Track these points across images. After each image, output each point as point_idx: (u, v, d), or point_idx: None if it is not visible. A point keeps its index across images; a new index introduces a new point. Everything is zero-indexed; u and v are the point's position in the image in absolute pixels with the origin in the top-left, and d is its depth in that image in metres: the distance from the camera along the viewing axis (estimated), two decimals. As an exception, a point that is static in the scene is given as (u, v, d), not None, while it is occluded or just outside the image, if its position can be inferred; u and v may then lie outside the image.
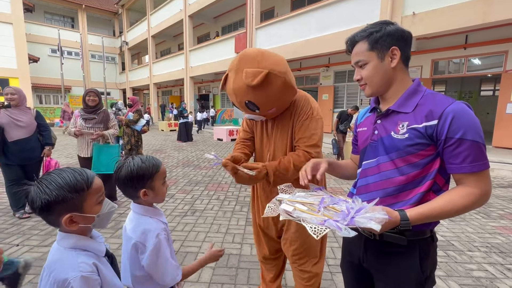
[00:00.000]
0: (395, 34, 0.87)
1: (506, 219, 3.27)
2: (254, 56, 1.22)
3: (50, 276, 0.73)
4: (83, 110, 3.38)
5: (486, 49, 7.36)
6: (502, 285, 2.04)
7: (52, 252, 0.79)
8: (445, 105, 0.81)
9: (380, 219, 0.72)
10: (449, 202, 0.80)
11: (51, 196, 0.71)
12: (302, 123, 1.35)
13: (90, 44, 23.54)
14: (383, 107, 0.96)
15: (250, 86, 1.18)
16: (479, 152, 0.78)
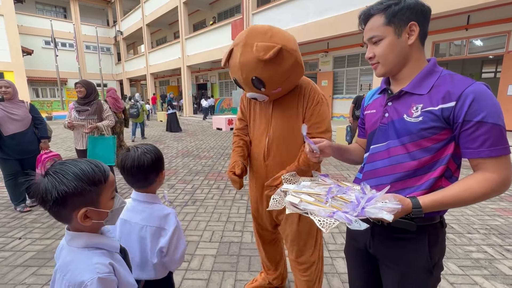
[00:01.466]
0: (415, 8, 0.80)
1: (506, 201, 3.28)
2: (265, 30, 1.18)
3: (63, 278, 0.69)
4: (77, 102, 3.32)
5: (488, 30, 7.19)
6: (500, 265, 2.07)
7: (63, 254, 0.74)
8: (464, 86, 0.76)
9: (392, 209, 0.70)
10: (465, 189, 0.75)
11: (69, 187, 0.66)
12: (314, 108, 1.32)
13: (84, 35, 23.09)
14: (394, 88, 0.91)
15: (261, 60, 1.14)
16: (499, 135, 0.74)
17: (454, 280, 1.91)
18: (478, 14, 7.04)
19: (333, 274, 2.01)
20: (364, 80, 10.28)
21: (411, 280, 0.87)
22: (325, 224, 0.71)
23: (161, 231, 1.05)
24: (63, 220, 0.72)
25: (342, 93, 11.04)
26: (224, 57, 1.27)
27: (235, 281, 1.94)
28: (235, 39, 1.25)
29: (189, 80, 15.88)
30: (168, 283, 1.15)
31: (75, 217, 0.69)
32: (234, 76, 1.31)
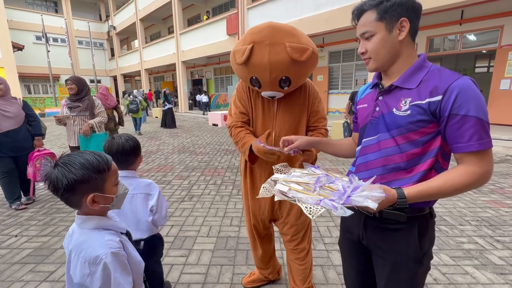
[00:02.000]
0: (406, 4, 0.82)
1: (497, 193, 3.36)
2: (291, 31, 1.21)
3: (79, 256, 0.78)
4: (69, 99, 3.28)
5: (482, 25, 7.25)
6: (491, 256, 2.13)
7: (75, 236, 0.82)
8: (450, 80, 0.78)
9: (377, 197, 0.72)
10: (448, 180, 0.78)
11: (77, 176, 0.75)
12: (318, 105, 1.46)
13: (76, 30, 22.69)
14: (385, 83, 0.93)
15: (296, 61, 1.19)
16: (483, 130, 0.76)
17: (446, 271, 1.96)
18: (472, 9, 7.09)
19: (329, 266, 2.05)
20: (359, 75, 10.31)
21: (402, 269, 0.90)
22: (312, 210, 0.74)
23: (148, 196, 1.36)
24: (74, 205, 0.81)
25: (337, 88, 11.07)
26: (245, 54, 1.19)
27: (233, 274, 1.97)
28: (251, 35, 1.20)
29: (184, 75, 15.75)
30: (160, 238, 1.50)
31: (85, 202, 0.78)
32: (256, 75, 1.25)
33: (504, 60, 6.96)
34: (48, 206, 3.23)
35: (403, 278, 0.90)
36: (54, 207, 3.19)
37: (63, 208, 3.16)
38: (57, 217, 2.92)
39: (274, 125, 1.42)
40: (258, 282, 1.84)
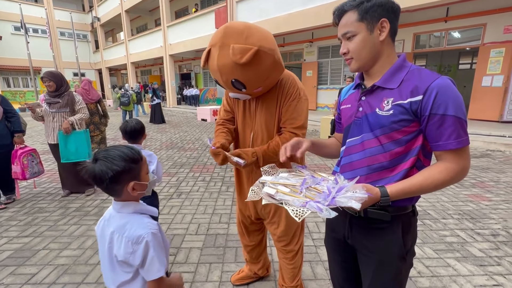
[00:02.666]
0: (386, 5, 0.82)
1: (478, 187, 3.48)
2: (241, 30, 1.12)
3: (123, 237, 0.87)
4: (48, 94, 3.13)
5: (466, 22, 7.43)
6: (471, 248, 2.21)
7: (115, 220, 0.92)
8: (430, 80, 0.79)
9: (360, 198, 0.73)
10: (428, 177, 0.81)
11: (120, 167, 0.85)
12: (290, 104, 1.31)
13: (57, 21, 21.77)
14: (367, 83, 0.93)
15: (238, 64, 1.11)
16: (461, 128, 0.78)
17: (429, 263, 2.02)
18: (457, 7, 7.24)
19: (317, 262, 2.07)
20: (348, 71, 10.40)
21: (387, 267, 0.92)
22: (298, 213, 0.74)
23: (149, 163, 1.79)
24: (115, 194, 0.91)
25: (326, 83, 11.14)
26: (202, 58, 1.23)
27: (222, 272, 1.96)
28: (211, 38, 1.19)
29: (172, 69, 15.44)
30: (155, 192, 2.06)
31: (126, 190, 0.89)
32: (214, 77, 1.28)
33: (486, 57, 7.17)
34: (30, 205, 3.12)
35: (388, 275, 0.92)
36: (36, 207, 3.08)
37: (46, 207, 3.06)
38: (39, 217, 2.82)
39: (253, 124, 1.41)
40: (247, 279, 1.85)
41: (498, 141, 5.37)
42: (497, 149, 5.31)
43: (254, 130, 1.41)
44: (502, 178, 3.82)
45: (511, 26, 6.77)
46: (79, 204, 3.14)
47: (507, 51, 6.79)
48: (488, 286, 1.79)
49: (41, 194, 3.45)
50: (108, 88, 23.20)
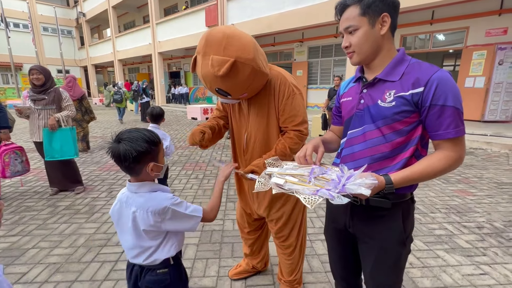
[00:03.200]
0: (387, 0, 0.85)
1: (463, 183, 3.63)
2: (220, 40, 1.10)
3: (147, 212, 0.96)
4: (32, 90, 3.01)
5: (450, 25, 7.70)
6: (459, 240, 2.30)
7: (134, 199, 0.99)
8: (431, 72, 0.83)
9: (369, 184, 0.75)
10: (429, 165, 0.85)
11: (143, 148, 0.93)
12: (285, 103, 1.30)
13: (40, 15, 21.04)
14: (368, 76, 0.96)
15: (217, 76, 1.11)
16: (458, 118, 0.83)
17: (420, 255, 2.10)
18: (442, 10, 7.49)
19: (313, 255, 2.11)
20: (337, 71, 10.56)
21: (388, 253, 0.95)
22: (310, 200, 0.76)
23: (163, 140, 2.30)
24: (135, 173, 0.98)
25: (316, 83, 11.27)
26: (191, 65, 1.26)
27: (219, 267, 1.97)
28: (197, 44, 1.20)
29: (161, 67, 15.21)
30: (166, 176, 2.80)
31: (145, 170, 0.97)
32: (202, 83, 1.31)
33: (469, 59, 7.46)
34: (16, 204, 3.01)
35: (389, 261, 0.95)
36: (23, 205, 2.98)
37: (33, 206, 2.96)
38: (26, 216, 2.73)
39: (247, 125, 1.42)
40: (245, 273, 1.86)
41: (480, 140, 5.60)
42: (480, 147, 5.54)
43: (248, 131, 1.42)
44: (485, 174, 3.99)
45: (492, 29, 7.07)
46: (68, 203, 3.06)
47: (488, 54, 7.08)
48: (475, 275, 1.88)
49: (27, 193, 3.33)
50: (94, 86, 22.61)
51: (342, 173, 0.83)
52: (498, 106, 7.35)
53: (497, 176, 3.88)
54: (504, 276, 1.87)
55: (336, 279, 1.22)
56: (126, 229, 1.02)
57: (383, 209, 0.92)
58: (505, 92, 7.22)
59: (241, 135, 1.46)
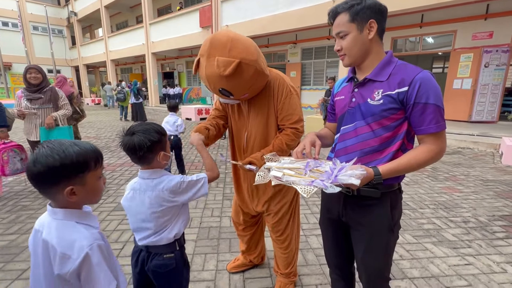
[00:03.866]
0: (374, 8, 0.94)
1: (450, 181, 3.77)
2: (225, 43, 1.19)
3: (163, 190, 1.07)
4: (27, 90, 3.01)
5: (439, 28, 7.94)
6: (446, 233, 2.42)
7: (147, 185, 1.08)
8: (414, 73, 0.92)
9: (359, 175, 0.83)
10: (413, 158, 0.94)
11: (155, 138, 1.03)
12: (283, 102, 1.39)
13: (30, 14, 20.66)
14: (359, 76, 1.05)
15: (222, 76, 1.19)
16: (439, 115, 0.92)
17: (409, 248, 2.20)
18: (431, 13, 7.72)
19: (308, 249, 2.19)
20: (330, 72, 10.72)
21: (377, 238, 1.04)
22: (306, 190, 0.84)
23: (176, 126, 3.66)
24: (147, 162, 1.06)
25: (309, 84, 11.42)
26: (193, 67, 1.33)
27: (217, 262, 2.03)
28: (201, 48, 1.27)
29: (154, 68, 15.14)
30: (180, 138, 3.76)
31: (156, 159, 1.07)
32: (204, 84, 1.37)
33: (457, 62, 7.70)
34: (12, 203, 3.01)
35: (378, 246, 1.04)
36: (19, 204, 2.97)
37: (29, 205, 2.96)
38: (23, 214, 2.74)
39: (247, 125, 1.50)
40: (243, 267, 1.92)
41: (468, 139, 5.80)
42: (467, 147, 5.74)
43: (248, 131, 1.50)
44: (471, 172, 4.15)
45: (478, 33, 7.32)
46: (65, 202, 3.07)
47: (474, 56, 7.33)
48: (460, 265, 1.99)
49: (23, 192, 3.32)
50: (86, 86, 22.31)
51: (334, 165, 0.91)
52: (485, 107, 7.60)
53: (483, 174, 4.05)
54: (487, 266, 1.98)
55: (331, 267, 1.30)
56: (141, 211, 1.09)
57: (373, 198, 1.00)
58: (491, 94, 7.47)
59: (240, 134, 1.54)
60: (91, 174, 0.78)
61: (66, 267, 0.72)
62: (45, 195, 0.76)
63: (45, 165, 0.70)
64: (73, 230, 0.75)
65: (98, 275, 0.73)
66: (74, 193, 0.75)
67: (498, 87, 7.40)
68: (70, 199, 0.75)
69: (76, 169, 0.74)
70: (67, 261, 0.72)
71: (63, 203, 0.76)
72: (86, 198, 0.79)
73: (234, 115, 1.56)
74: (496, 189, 3.45)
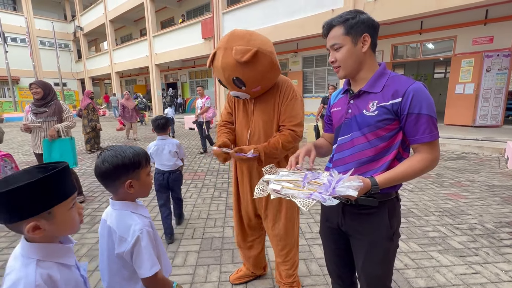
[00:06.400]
0: (367, 22, 0.98)
1: (455, 187, 3.73)
2: (243, 35, 1.29)
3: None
4: (34, 104, 3.12)
5: (439, 35, 7.98)
6: (452, 241, 2.38)
7: None
8: (407, 85, 0.95)
9: (356, 186, 0.84)
10: (409, 167, 0.95)
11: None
12: (288, 103, 1.44)
13: (38, 30, 21.27)
14: (354, 88, 1.08)
15: (239, 62, 1.25)
16: (432, 125, 0.94)
17: (415, 257, 2.17)
18: (430, 20, 7.77)
19: (311, 259, 2.17)
20: (331, 79, 10.78)
21: (377, 247, 1.04)
22: (304, 203, 0.84)
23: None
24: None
25: (311, 92, 11.47)
26: (208, 60, 1.38)
27: (220, 273, 2.02)
28: (219, 42, 1.34)
29: (158, 79, 15.38)
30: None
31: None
32: (217, 76, 1.42)
33: (458, 67, 7.70)
34: (17, 216, 3.04)
35: (378, 255, 1.04)
36: (24, 217, 3.00)
37: (35, 217, 2.99)
38: (28, 227, 2.76)
39: (250, 123, 1.53)
40: (245, 278, 1.91)
41: (472, 144, 5.74)
42: (472, 152, 5.68)
43: (251, 129, 1.53)
44: (477, 178, 4.10)
45: (478, 38, 7.34)
46: (69, 214, 3.09)
47: (476, 61, 7.33)
48: (467, 274, 1.95)
49: (28, 205, 3.36)
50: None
51: (332, 177, 0.92)
52: (488, 111, 7.55)
53: (489, 180, 4.00)
54: (495, 274, 1.94)
55: (332, 277, 1.29)
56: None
57: (371, 207, 1.01)
58: (494, 98, 7.43)
59: (243, 133, 1.57)
60: (143, 170, 0.97)
61: (122, 247, 0.90)
62: (109, 188, 0.95)
63: (111, 163, 0.90)
64: (129, 218, 0.93)
65: (144, 257, 0.90)
66: (131, 186, 0.94)
67: (501, 91, 7.37)
68: (129, 191, 0.94)
69: (133, 166, 0.93)
70: (123, 242, 0.90)
71: (122, 195, 0.95)
72: (140, 191, 0.98)
73: (238, 113, 1.59)
74: (503, 195, 3.40)
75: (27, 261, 0.68)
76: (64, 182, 0.71)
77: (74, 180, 0.81)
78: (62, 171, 0.70)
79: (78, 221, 0.77)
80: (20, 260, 0.69)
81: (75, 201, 0.76)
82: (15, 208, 0.64)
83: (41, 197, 0.66)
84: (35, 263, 0.68)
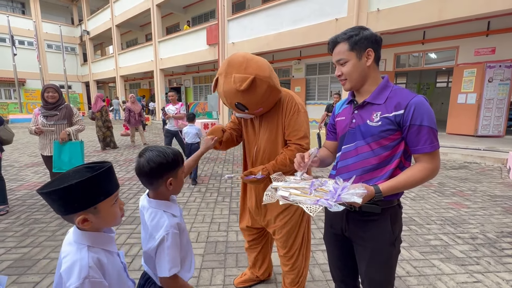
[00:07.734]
0: (371, 38, 1.04)
1: (457, 196, 3.75)
2: (241, 62, 1.34)
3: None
4: (43, 108, 3.18)
5: (441, 45, 8.07)
6: (453, 250, 2.40)
7: None
8: (409, 98, 1.01)
9: (360, 194, 0.89)
10: (411, 176, 1.00)
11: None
12: (290, 118, 1.49)
13: (45, 33, 21.63)
14: (359, 99, 1.14)
15: (238, 90, 1.32)
16: (433, 136, 0.99)
17: (416, 264, 2.19)
18: (432, 31, 7.88)
19: (314, 265, 2.20)
20: (334, 87, 10.88)
21: (379, 252, 1.08)
22: (311, 209, 0.89)
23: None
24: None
25: (314, 99, 11.56)
26: (213, 85, 1.48)
27: (224, 276, 2.05)
28: (219, 68, 1.43)
29: (162, 83, 15.56)
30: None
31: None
32: (222, 101, 1.49)
33: (460, 77, 7.76)
34: (24, 216, 3.09)
35: (381, 260, 1.08)
36: (31, 218, 3.05)
37: (41, 218, 3.04)
38: (35, 228, 2.81)
39: (257, 140, 1.60)
40: (250, 282, 1.94)
41: (474, 154, 5.77)
42: (474, 161, 5.70)
43: (257, 145, 1.59)
44: (478, 187, 4.12)
45: (480, 49, 7.42)
46: (75, 215, 3.14)
47: (478, 72, 7.39)
48: (469, 283, 1.97)
49: (35, 206, 3.41)
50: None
51: (337, 184, 0.97)
52: (491, 121, 7.58)
53: (491, 189, 4.02)
54: (496, 283, 1.96)
55: (336, 282, 1.32)
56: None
57: (374, 214, 1.06)
58: (496, 108, 7.47)
59: (251, 149, 1.64)
60: (180, 169, 1.06)
61: (150, 243, 0.99)
62: (151, 186, 1.02)
63: (156, 162, 0.98)
64: (160, 217, 1.00)
65: (166, 257, 0.96)
66: (171, 183, 1.01)
67: (503, 101, 7.41)
68: (169, 188, 1.02)
69: (175, 165, 1.02)
70: (152, 239, 0.98)
71: (161, 193, 1.03)
72: (177, 188, 1.06)
73: (247, 130, 1.67)
74: (504, 205, 3.42)
75: (80, 246, 0.80)
76: (109, 181, 0.81)
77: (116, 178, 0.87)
78: (107, 171, 0.80)
79: (120, 215, 0.87)
80: (74, 246, 0.80)
81: (117, 197, 0.86)
82: (69, 202, 0.75)
83: (89, 194, 0.77)
84: (87, 248, 0.80)
